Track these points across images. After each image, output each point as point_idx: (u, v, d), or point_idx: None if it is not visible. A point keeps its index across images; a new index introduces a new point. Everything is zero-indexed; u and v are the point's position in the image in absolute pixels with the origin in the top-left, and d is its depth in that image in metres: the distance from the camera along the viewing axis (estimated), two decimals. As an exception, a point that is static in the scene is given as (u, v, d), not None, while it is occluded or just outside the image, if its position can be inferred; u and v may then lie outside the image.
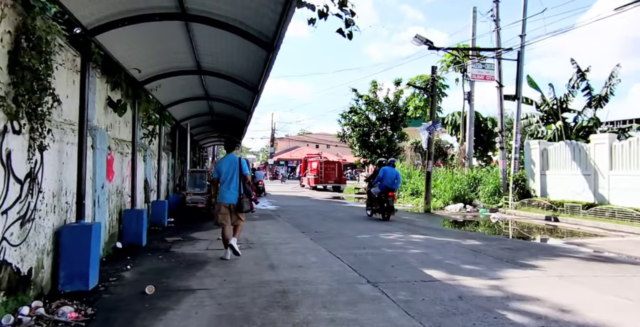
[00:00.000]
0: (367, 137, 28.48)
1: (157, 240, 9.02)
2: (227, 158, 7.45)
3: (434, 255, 7.60)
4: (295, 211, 16.45)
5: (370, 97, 28.84)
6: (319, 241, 8.94)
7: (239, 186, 7.20)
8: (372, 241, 9.04)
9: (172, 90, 10.89)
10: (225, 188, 7.20)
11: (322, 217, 14.27)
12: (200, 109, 14.51)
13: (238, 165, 7.25)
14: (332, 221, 12.96)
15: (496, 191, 18.19)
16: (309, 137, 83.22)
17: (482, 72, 17.44)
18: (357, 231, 10.63)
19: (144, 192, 10.65)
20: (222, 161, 7.45)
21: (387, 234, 10.22)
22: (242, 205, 7.18)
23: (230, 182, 7.18)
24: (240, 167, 7.25)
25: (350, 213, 15.72)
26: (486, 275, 6.17)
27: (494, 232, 11.72)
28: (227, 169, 7.23)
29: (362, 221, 13.26)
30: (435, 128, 17.10)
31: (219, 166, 7.34)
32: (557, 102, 25.99)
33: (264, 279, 5.80)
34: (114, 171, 8.05)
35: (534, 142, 17.42)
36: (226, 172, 7.23)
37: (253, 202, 7.60)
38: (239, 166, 7.26)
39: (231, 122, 16.69)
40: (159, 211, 11.29)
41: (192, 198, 13.94)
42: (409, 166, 23.97)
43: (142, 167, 10.39)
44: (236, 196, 7.16)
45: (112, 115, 8.17)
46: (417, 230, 11.09)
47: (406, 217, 14.84)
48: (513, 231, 12.17)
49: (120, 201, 8.46)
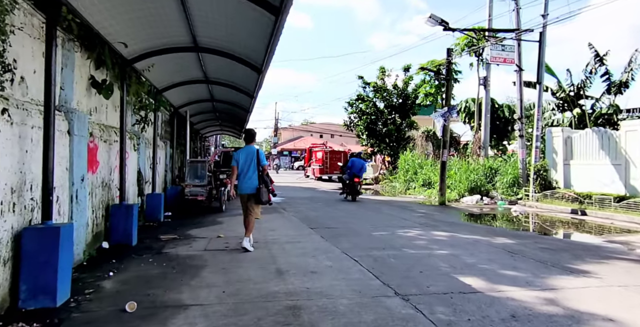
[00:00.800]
0: (374, 125, 27.39)
1: (150, 238, 8.07)
2: (246, 149, 7.43)
3: (465, 257, 6.61)
4: (301, 203, 15.48)
5: (378, 84, 27.67)
6: (331, 240, 7.96)
7: (257, 176, 7.16)
8: (391, 240, 8.07)
9: (167, 72, 9.86)
10: (243, 179, 7.21)
11: (331, 210, 13.30)
12: (200, 95, 13.49)
13: (256, 156, 7.24)
14: (343, 215, 11.99)
15: (515, 182, 17.15)
16: (313, 127, 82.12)
17: (502, 54, 16.28)
18: (372, 227, 9.65)
19: (136, 184, 9.69)
20: (241, 151, 7.41)
21: (405, 230, 9.24)
22: (261, 196, 7.09)
23: (248, 172, 7.18)
24: (258, 158, 7.24)
25: (361, 206, 14.74)
26: (534, 284, 5.18)
27: (522, 228, 10.72)
28: (245, 159, 7.24)
29: (375, 215, 12.29)
30: (450, 115, 16.01)
31: (237, 155, 7.35)
32: (574, 89, 24.83)
33: (270, 290, 4.83)
34: (99, 161, 7.07)
35: (557, 129, 16.31)
36: (244, 162, 7.23)
37: (271, 194, 7.44)
38: (257, 156, 7.24)
39: (233, 109, 15.67)
40: (155, 205, 10.34)
41: (191, 190, 12.98)
42: (420, 156, 22.89)
43: (134, 157, 9.41)
44: (254, 186, 7.12)
45: (97, 98, 7.18)
46: (437, 225, 10.09)
47: (422, 210, 13.84)
48: (541, 226, 11.16)
49: (107, 195, 7.50)
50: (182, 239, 7.99)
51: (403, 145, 27.17)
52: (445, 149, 16.20)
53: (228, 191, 15.03)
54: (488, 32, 17.93)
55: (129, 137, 8.98)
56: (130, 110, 9.25)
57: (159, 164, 12.61)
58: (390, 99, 27.09)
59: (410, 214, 12.45)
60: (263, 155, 7.38)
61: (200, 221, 10.68)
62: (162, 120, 14.25)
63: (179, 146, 16.82)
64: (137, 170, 9.72)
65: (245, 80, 10.22)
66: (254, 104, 12.76)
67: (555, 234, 10.00)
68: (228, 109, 16.16)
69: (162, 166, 13.43)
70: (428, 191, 19.55)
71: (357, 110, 28.13)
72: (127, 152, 8.80)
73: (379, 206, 15.03)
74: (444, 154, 16.17)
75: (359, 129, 27.86)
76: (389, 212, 12.88)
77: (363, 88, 27.86)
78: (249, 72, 8.81)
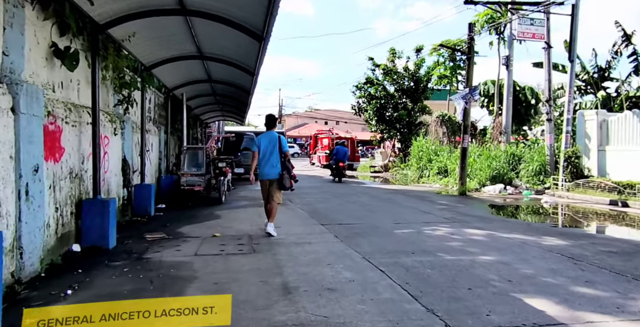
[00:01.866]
0: (384, 110, 25.93)
1: (134, 238, 6.82)
2: (267, 134, 7.27)
3: (518, 266, 5.30)
4: (308, 193, 14.20)
5: (388, 67, 26.12)
6: (348, 240, 6.67)
7: (280, 162, 7.08)
8: (418, 240, 6.76)
9: (154, 45, 8.51)
10: (265, 164, 7.10)
11: (342, 201, 12.01)
12: (196, 74, 12.12)
13: (278, 142, 7.13)
14: (356, 208, 10.69)
15: (542, 170, 15.74)
16: (318, 113, 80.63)
17: (530, 29, 14.74)
18: (392, 223, 8.36)
19: (121, 174, 8.41)
20: (262, 137, 7.27)
21: (432, 227, 7.93)
22: (284, 181, 7.01)
23: (270, 158, 7.08)
24: (280, 144, 7.13)
25: (374, 196, 13.44)
26: (629, 310, 3.87)
27: (565, 224, 9.40)
28: (267, 145, 7.12)
29: (392, 207, 10.98)
30: (472, 97, 14.58)
31: (258, 141, 7.24)
32: (598, 70, 23.23)
33: (274, 321, 3.56)
34: (64, 147, 5.77)
35: (590, 112, 14.86)
36: (265, 148, 7.11)
37: (293, 180, 7.28)
38: (279, 142, 7.13)
39: (234, 91, 14.30)
40: (144, 198, 9.08)
41: (187, 180, 11.70)
42: (434, 142, 21.48)
43: (116, 143, 8.12)
44: (277, 172, 7.05)
45: (63, 71, 5.86)
46: (466, 221, 8.78)
47: (442, 201, 12.52)
48: (584, 221, 9.83)
49: (78, 189, 6.22)
50: (171, 239, 6.73)
51: (415, 131, 25.75)
52: (467, 134, 14.81)
53: (228, 181, 13.79)
54: (512, 4, 16.34)
55: (110, 120, 7.68)
56: (110, 88, 7.93)
57: (150, 151, 11.34)
58: (401, 82, 25.57)
59: (431, 206, 11.14)
60: (285, 141, 7.25)
61: (196, 214, 9.43)
62: (156, 103, 12.94)
63: (176, 132, 15.53)
64: (121, 158, 8.44)
65: (244, 55, 8.86)
66: (256, 84, 11.39)
67: (607, 232, 8.67)
68: (228, 91, 14.80)
69: (155, 154, 12.16)
70: (444, 180, 18.21)
71: (365, 95, 26.65)
72: (106, 137, 7.51)
73: (394, 196, 13.73)
74: (464, 140, 14.78)
75: (368, 115, 26.40)
76: (407, 204, 11.57)
77: (372, 70, 26.34)
78: (248, 42, 7.44)
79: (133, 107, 8.58)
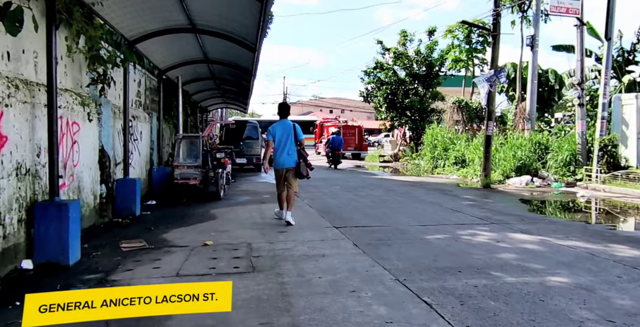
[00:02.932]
0: (394, 96, 24.43)
1: (107, 247, 5.53)
2: (282, 123, 7.22)
3: (607, 292, 3.95)
4: (316, 185, 12.90)
5: (398, 50, 24.56)
6: (371, 250, 5.36)
7: (296, 151, 7.06)
8: (459, 250, 5.43)
9: (136, 14, 7.12)
10: (281, 153, 7.05)
11: (354, 196, 10.69)
12: (190, 53, 10.73)
13: (293, 130, 7.11)
14: (372, 204, 9.38)
15: (572, 160, 14.33)
16: (323, 101, 79.32)
17: (564, 3, 13.20)
18: (418, 224, 7.03)
19: (97, 168, 7.09)
20: (276, 126, 7.22)
21: (467, 230, 6.60)
22: (301, 170, 7.00)
23: (285, 147, 7.04)
24: (295, 133, 7.10)
25: (389, 189, 12.11)
26: None
27: (623, 225, 8.06)
28: (282, 134, 7.07)
29: (412, 203, 9.65)
30: (498, 79, 13.14)
31: (274, 130, 7.19)
32: (622, 54, 21.62)
33: None
34: (6, 136, 4.44)
35: (628, 96, 13.39)
36: (280, 137, 7.06)
37: (309, 168, 7.19)
38: (294, 131, 7.11)
39: (234, 73, 12.93)
40: (127, 195, 7.78)
41: (182, 173, 10.40)
42: (449, 130, 20.03)
43: (91, 130, 6.79)
44: (293, 161, 7.02)
45: (9, 39, 4.54)
46: (504, 221, 7.43)
47: (467, 195, 11.17)
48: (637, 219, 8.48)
49: (30, 189, 4.91)
50: (152, 250, 5.42)
51: (427, 119, 24.31)
52: (491, 121, 13.40)
53: (228, 173, 12.48)
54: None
55: (82, 103, 6.34)
56: (84, 65, 6.58)
57: (139, 140, 10.03)
58: (413, 67, 24.02)
59: (456, 202, 9.80)
60: (300, 130, 7.20)
61: (189, 213, 8.16)
62: (147, 86, 11.60)
63: (172, 119, 14.20)
64: (98, 148, 7.12)
65: (243, 25, 7.47)
66: (257, 62, 9.97)
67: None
68: (228, 73, 13.42)
69: (146, 143, 10.84)
70: (462, 171, 16.82)
71: (375, 80, 25.15)
72: (76, 124, 6.19)
73: (411, 189, 12.40)
74: (489, 127, 13.37)
75: (377, 101, 24.90)
76: (429, 199, 10.24)
77: (382, 54, 24.80)
78: (246, 5, 6.05)
79: (111, 88, 7.22)
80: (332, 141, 21.02)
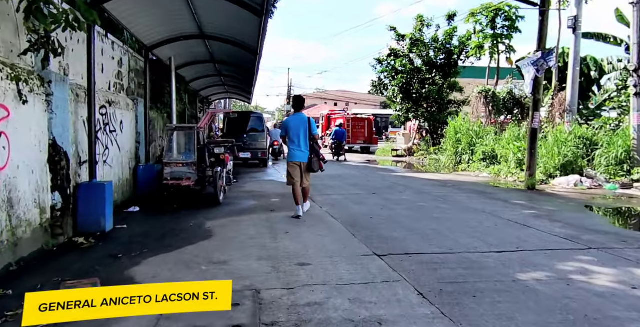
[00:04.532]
0: (410, 86, 22.37)
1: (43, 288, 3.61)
2: (296, 116, 7.19)
3: None
4: (332, 185, 11.00)
5: (415, 36, 22.48)
6: (453, 309, 3.40)
7: (309, 145, 6.97)
8: (594, 310, 3.46)
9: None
10: (295, 147, 6.99)
11: (383, 200, 8.76)
12: (181, 25, 8.76)
13: (307, 124, 7.01)
14: (410, 212, 7.44)
15: (626, 158, 12.34)
16: (327, 94, 77.38)
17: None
18: (492, 249, 5.08)
19: (46, 170, 5.14)
20: (290, 119, 7.20)
21: (568, 262, 4.62)
22: (312, 165, 6.93)
23: (299, 141, 6.95)
24: (310, 127, 7.01)
25: (420, 191, 10.16)
26: None
27: None
28: (296, 127, 6.99)
29: (457, 210, 7.70)
30: (546, 62, 11.09)
31: (287, 123, 7.18)
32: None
33: None
34: None
35: (702, 82, 11.33)
36: (295, 130, 6.98)
37: (322, 162, 7.07)
38: (309, 125, 7.01)
39: (236, 55, 10.96)
40: (93, 204, 5.85)
41: (172, 172, 8.50)
42: (475, 123, 17.98)
43: (33, 118, 4.82)
44: (306, 155, 6.93)
45: None
46: (605, 245, 5.44)
47: (518, 200, 9.17)
48: None
49: None
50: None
51: (444, 110, 22.29)
52: (537, 112, 11.37)
53: (229, 172, 10.56)
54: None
55: (13, 78, 4.36)
56: (15, 22, 4.62)
57: (117, 132, 8.09)
58: (430, 54, 21.92)
59: (513, 210, 7.84)
60: (315, 124, 7.18)
61: (177, 227, 6.25)
62: (131, 67, 9.64)
63: (165, 108, 12.26)
64: (47, 142, 5.16)
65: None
66: (265, 36, 7.95)
67: None
68: (229, 54, 11.45)
69: (129, 135, 8.91)
70: (493, 168, 14.83)
71: (388, 69, 23.08)
72: (3, 107, 4.24)
73: (444, 191, 10.46)
74: (535, 119, 11.35)
75: (392, 91, 22.84)
76: (474, 205, 8.30)
77: (397, 41, 22.71)
78: None
79: (61, 57, 5.25)
80: (335, 135, 21.64)
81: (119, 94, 8.78)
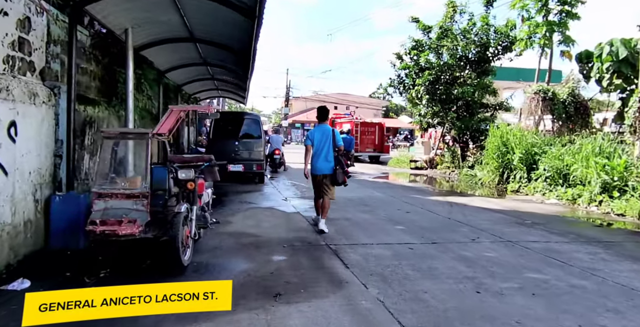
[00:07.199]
0: (436, 85, 18.79)
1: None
2: (321, 128, 7.07)
3: None
4: (362, 224, 7.42)
5: (444, 26, 18.97)
6: None
7: (334, 157, 6.90)
8: None
9: None
10: (318, 159, 6.93)
11: (459, 260, 5.14)
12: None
13: (332, 136, 6.97)
14: (528, 298, 3.80)
15: None
16: (327, 97, 74.03)
17: None
18: None
19: None
20: (315, 130, 7.07)
21: None
22: (337, 177, 6.84)
23: (323, 152, 6.91)
24: (334, 138, 6.97)
25: (497, 234, 6.54)
26: None
27: None
28: (320, 139, 6.94)
29: (598, 294, 4.07)
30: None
31: (312, 134, 7.06)
32: None
33: None
34: None
35: None
36: (319, 142, 6.93)
37: (346, 176, 6.91)
38: (333, 136, 6.97)
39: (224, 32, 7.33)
40: None
41: (106, 209, 4.90)
42: (530, 130, 14.29)
43: None
44: (331, 167, 6.88)
45: None
46: None
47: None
48: None
49: None
50: None
51: (476, 116, 18.76)
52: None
53: (205, 207, 6.77)
54: None
55: None
56: None
57: (1, 142, 4.40)
58: (465, 47, 18.35)
59: None
60: (339, 135, 7.14)
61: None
62: (53, 37, 5.96)
63: (118, 105, 8.54)
64: None
65: None
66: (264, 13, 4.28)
67: None
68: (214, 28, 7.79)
69: (37, 147, 5.30)
70: (565, 193, 11.19)
71: (412, 65, 19.51)
72: None
73: (530, 234, 6.85)
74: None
75: (416, 91, 19.20)
76: (615, 279, 4.68)
77: (426, 32, 19.21)
78: None
79: None
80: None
81: (16, 74, 5.10)
